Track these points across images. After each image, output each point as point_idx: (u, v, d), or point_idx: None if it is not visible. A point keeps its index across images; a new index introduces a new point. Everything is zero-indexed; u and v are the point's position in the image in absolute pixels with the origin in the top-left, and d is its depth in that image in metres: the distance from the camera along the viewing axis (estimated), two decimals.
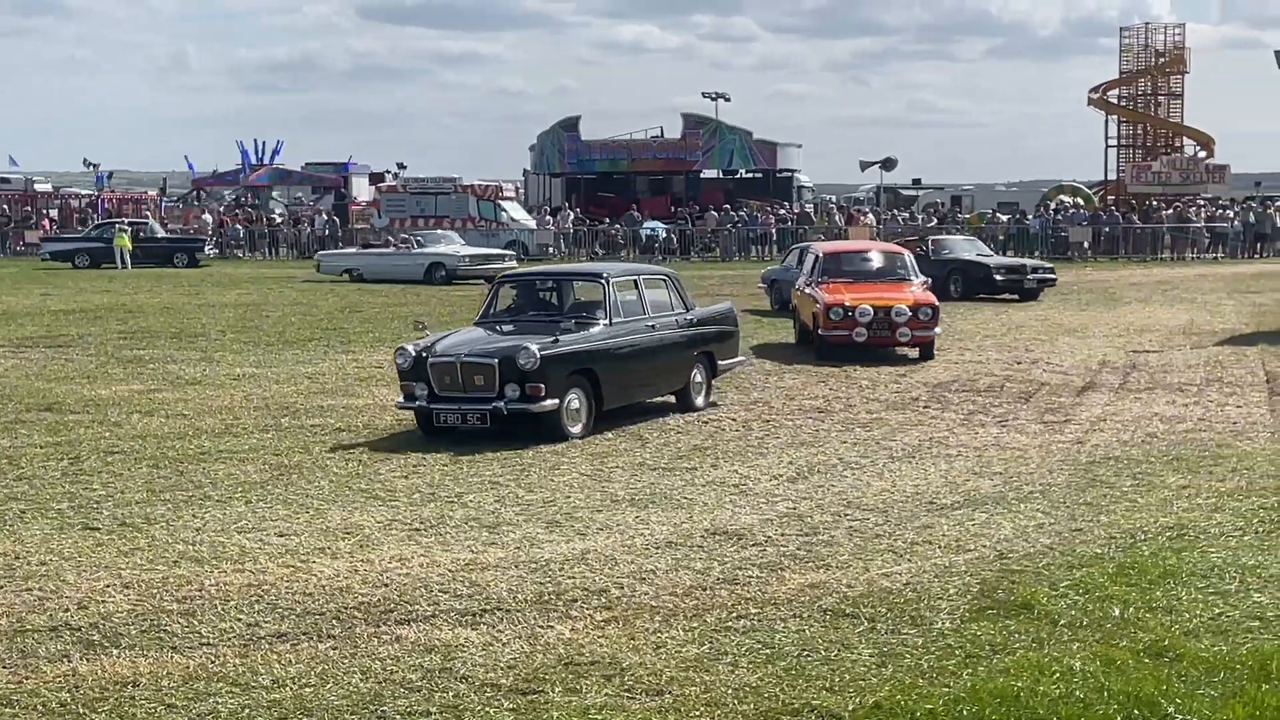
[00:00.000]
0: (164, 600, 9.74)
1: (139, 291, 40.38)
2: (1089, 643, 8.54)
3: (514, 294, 18.19)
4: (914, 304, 23.05)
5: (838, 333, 23.01)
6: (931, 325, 22.99)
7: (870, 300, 23.14)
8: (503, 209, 59.45)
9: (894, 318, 22.87)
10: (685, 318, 18.30)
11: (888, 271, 24.96)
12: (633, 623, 9.15)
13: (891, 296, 23.29)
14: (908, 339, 22.94)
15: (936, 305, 23.18)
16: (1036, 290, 36.53)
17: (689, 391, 18.12)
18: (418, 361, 16.18)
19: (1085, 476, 13.77)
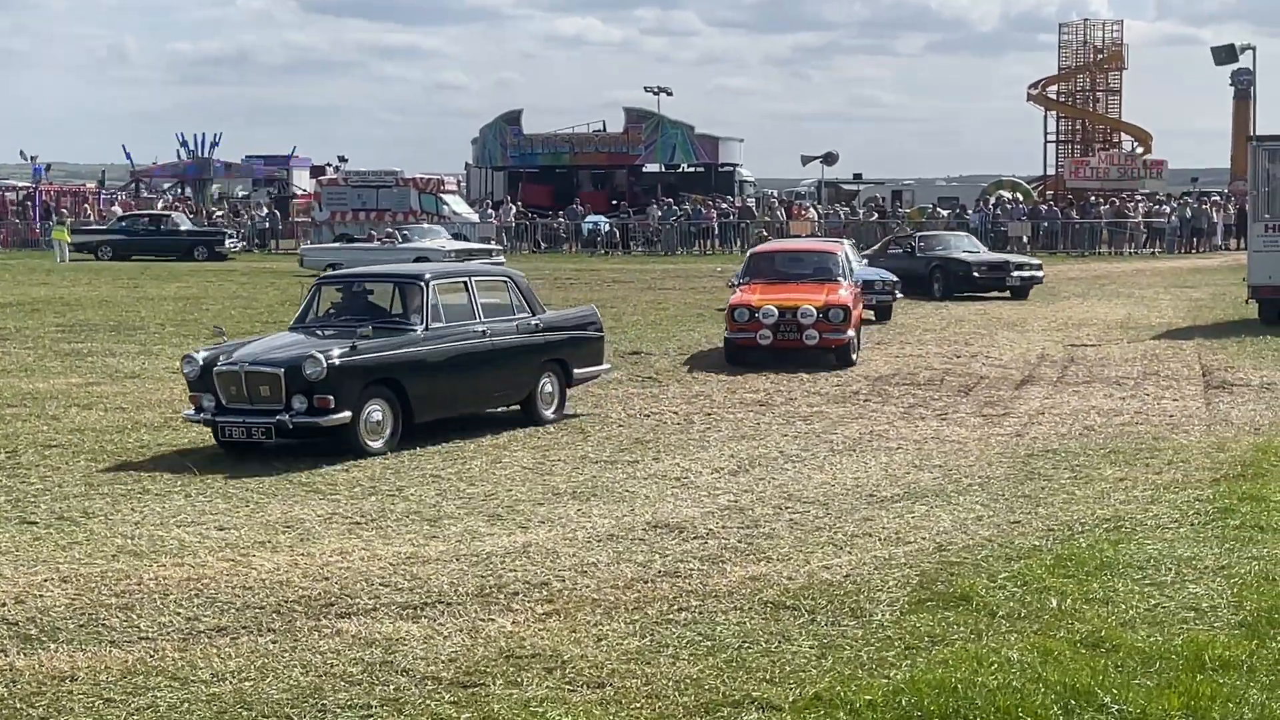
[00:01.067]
0: (102, 594, 9.69)
1: (77, 285, 40.06)
2: (1026, 634, 8.61)
3: (333, 296, 16.70)
4: (824, 305, 21.69)
5: (742, 335, 21.87)
6: (843, 328, 21.64)
7: (777, 301, 21.92)
8: (444, 202, 59.28)
9: (800, 319, 21.55)
10: (530, 323, 16.92)
11: (816, 271, 23.73)
12: (574, 615, 9.16)
13: (801, 297, 22.01)
14: (815, 341, 21.57)
15: (849, 306, 21.75)
16: (1023, 288, 35.50)
17: (535, 402, 16.78)
18: (205, 370, 14.86)
19: (1023, 469, 13.87)
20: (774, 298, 22.05)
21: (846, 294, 22.41)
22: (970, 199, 67.63)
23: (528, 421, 16.59)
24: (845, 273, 23.64)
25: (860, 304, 23.54)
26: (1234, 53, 62.88)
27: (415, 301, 15.88)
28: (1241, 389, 19.08)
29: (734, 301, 22.27)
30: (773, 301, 21.87)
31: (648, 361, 22.74)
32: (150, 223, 56.07)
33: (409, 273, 17.29)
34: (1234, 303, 30.52)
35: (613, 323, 28.38)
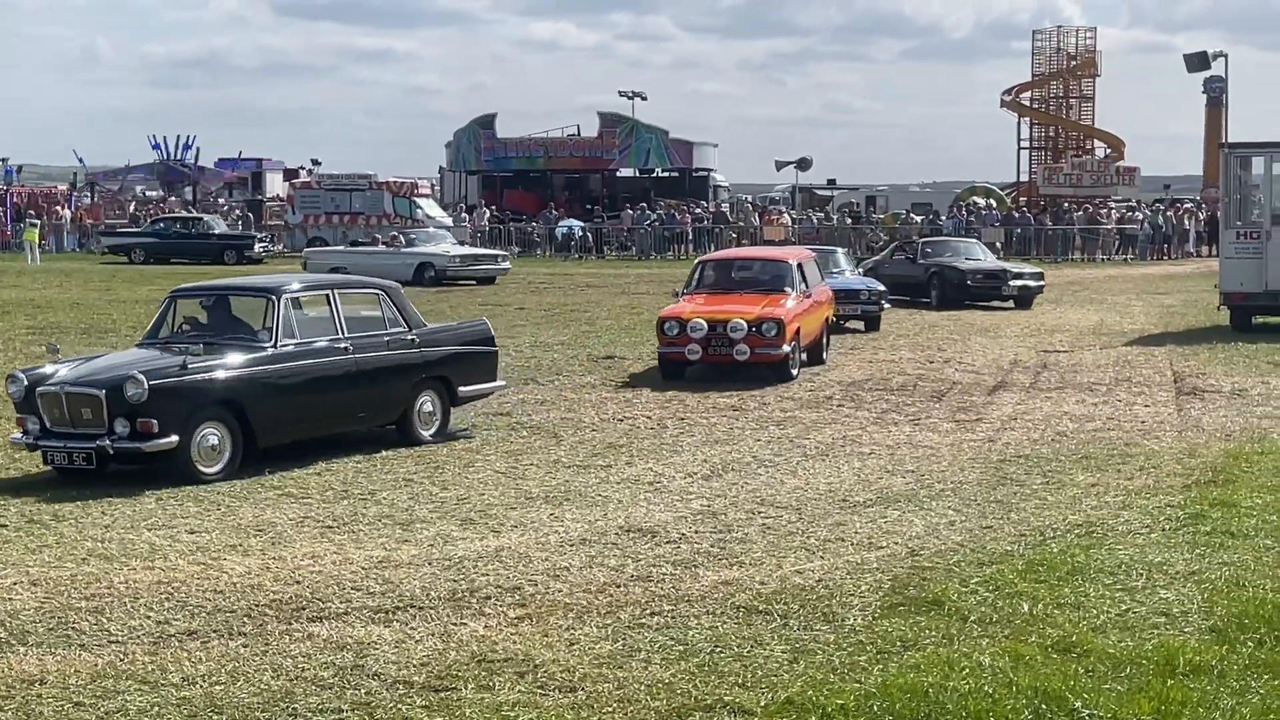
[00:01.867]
0: (72, 598, 9.65)
1: (48, 287, 39.90)
2: (998, 639, 8.63)
3: (188, 310, 15.52)
4: (756, 318, 20.37)
5: (671, 350, 20.68)
6: (777, 342, 20.25)
7: (708, 313, 20.68)
8: (418, 206, 59.13)
9: (730, 333, 20.29)
10: (405, 338, 15.77)
11: (765, 281, 22.30)
12: (546, 620, 9.15)
13: (733, 309, 20.72)
14: (746, 357, 20.29)
15: (782, 320, 20.30)
16: (1024, 298, 34.19)
17: (411, 422, 15.63)
18: (30, 390, 13.94)
19: (996, 474, 13.90)
20: (707, 310, 20.84)
21: (791, 306, 21.08)
22: (944, 205, 67.76)
23: (403, 442, 15.50)
24: (795, 283, 21.92)
25: (819, 314, 22.58)
26: (1206, 60, 63.06)
27: (265, 316, 14.83)
28: (1213, 395, 19.14)
29: (664, 314, 21.16)
30: (704, 314, 20.65)
31: (621, 366, 22.74)
32: (182, 226, 55.32)
33: (260, 285, 15.92)
34: (1206, 309, 30.65)
35: (587, 327, 28.45)
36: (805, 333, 21.47)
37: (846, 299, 27.06)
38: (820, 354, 22.66)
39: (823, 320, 22.77)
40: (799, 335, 20.98)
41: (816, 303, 22.48)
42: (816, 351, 22.48)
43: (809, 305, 21.89)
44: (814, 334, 22.21)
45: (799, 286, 21.90)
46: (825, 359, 22.67)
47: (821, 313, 22.79)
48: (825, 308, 23.17)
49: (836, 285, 26.70)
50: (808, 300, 21.97)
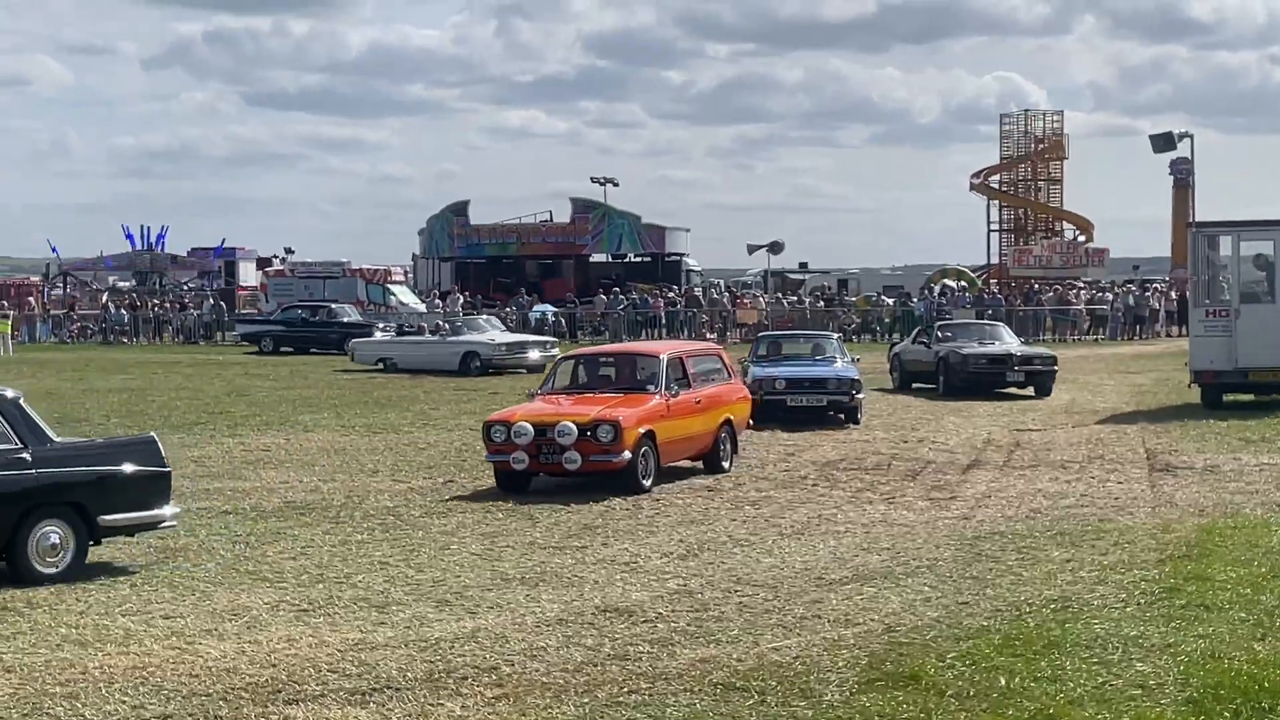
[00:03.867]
0: (47, 684, 9.59)
1: (21, 378, 39.72)
2: (976, 712, 8.64)
3: None
4: (590, 421, 17.73)
5: (498, 457, 18.02)
6: (614, 448, 17.52)
7: (538, 416, 18.12)
8: (392, 293, 59.33)
9: (558, 438, 17.65)
10: (14, 457, 13.27)
11: (628, 381, 19.84)
12: (524, 699, 9.14)
13: (570, 411, 18.33)
14: (576, 466, 17.68)
15: (619, 422, 17.60)
16: (1037, 383, 31.53)
17: (23, 554, 12.95)
18: None
19: (971, 551, 13.93)
20: (538, 412, 18.36)
21: (647, 407, 18.51)
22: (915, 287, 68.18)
23: (14, 578, 12.90)
24: (664, 381, 19.05)
25: (709, 416, 19.67)
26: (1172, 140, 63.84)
27: None
28: (1185, 471, 19.23)
29: (492, 418, 18.65)
30: (532, 417, 18.08)
31: None
32: (310, 314, 54.20)
33: None
34: (1177, 387, 30.79)
35: None
36: (675, 437, 18.82)
37: (810, 388, 26.18)
38: (718, 460, 19.78)
39: (717, 423, 19.81)
40: (653, 440, 18.19)
41: (704, 403, 19.64)
42: (713, 457, 19.78)
43: (686, 407, 19.17)
44: (699, 437, 19.55)
45: (669, 386, 19.08)
46: (727, 466, 19.80)
47: (715, 414, 19.83)
48: (723, 408, 20.11)
49: (798, 374, 26.48)
50: (685, 400, 19.22)
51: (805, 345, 30.00)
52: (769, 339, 31.00)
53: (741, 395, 21.33)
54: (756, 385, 25.20)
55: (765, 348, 29.15)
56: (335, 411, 28.79)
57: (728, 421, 20.09)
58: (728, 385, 20.95)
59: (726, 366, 21.37)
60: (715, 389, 20.34)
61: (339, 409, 29.32)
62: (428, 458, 21.60)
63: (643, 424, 18.11)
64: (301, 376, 39.37)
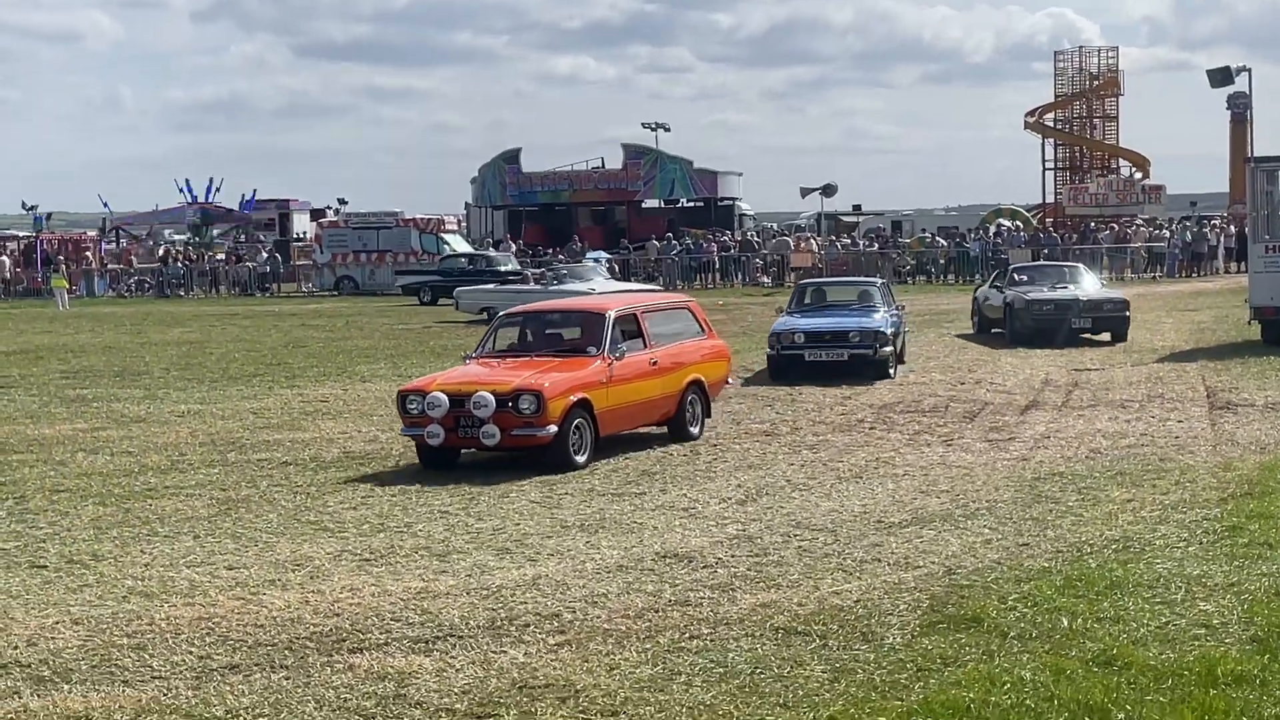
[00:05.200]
0: (114, 635, 9.70)
1: (80, 332, 40.14)
2: (1039, 654, 8.63)
3: None
4: (511, 390, 15.74)
5: (413, 431, 16.20)
6: (537, 421, 15.59)
7: (456, 385, 16.15)
8: (445, 242, 59.41)
9: (474, 410, 15.66)
10: None
11: (569, 341, 17.81)
12: (586, 646, 9.18)
13: (494, 379, 16.24)
14: (494, 441, 15.71)
15: (542, 392, 15.64)
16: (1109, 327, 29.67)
17: None
18: None
19: (1031, 493, 13.89)
20: (458, 380, 16.44)
21: (578, 374, 16.49)
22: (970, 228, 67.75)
23: None
24: (608, 343, 17.00)
25: (668, 380, 17.73)
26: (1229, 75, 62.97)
27: None
28: (1246, 409, 19.09)
29: (406, 387, 16.95)
30: (450, 386, 16.17)
31: None
32: (469, 263, 53.48)
33: None
34: (1236, 324, 30.55)
35: None
36: (621, 404, 16.88)
37: (830, 342, 24.08)
38: (683, 426, 17.92)
39: (681, 384, 17.87)
40: (589, 410, 16.24)
41: (663, 363, 17.74)
42: (677, 423, 17.92)
43: (638, 369, 17.24)
44: (657, 402, 17.61)
45: (614, 347, 17.02)
46: (696, 432, 18.01)
47: (678, 375, 17.93)
48: (689, 368, 18.19)
49: (819, 326, 24.43)
50: (636, 362, 17.28)
51: (850, 293, 27.69)
52: (811, 286, 28.82)
53: (714, 352, 19.25)
54: (774, 339, 24.27)
55: (806, 296, 27.44)
56: (392, 362, 28.89)
57: (696, 383, 18.20)
58: (697, 342, 18.92)
59: (699, 320, 19.31)
60: (679, 347, 18.38)
61: (395, 359, 29.43)
62: None
63: (575, 392, 16.09)
64: (357, 327, 39.54)
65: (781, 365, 24.05)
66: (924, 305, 42.64)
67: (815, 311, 26.04)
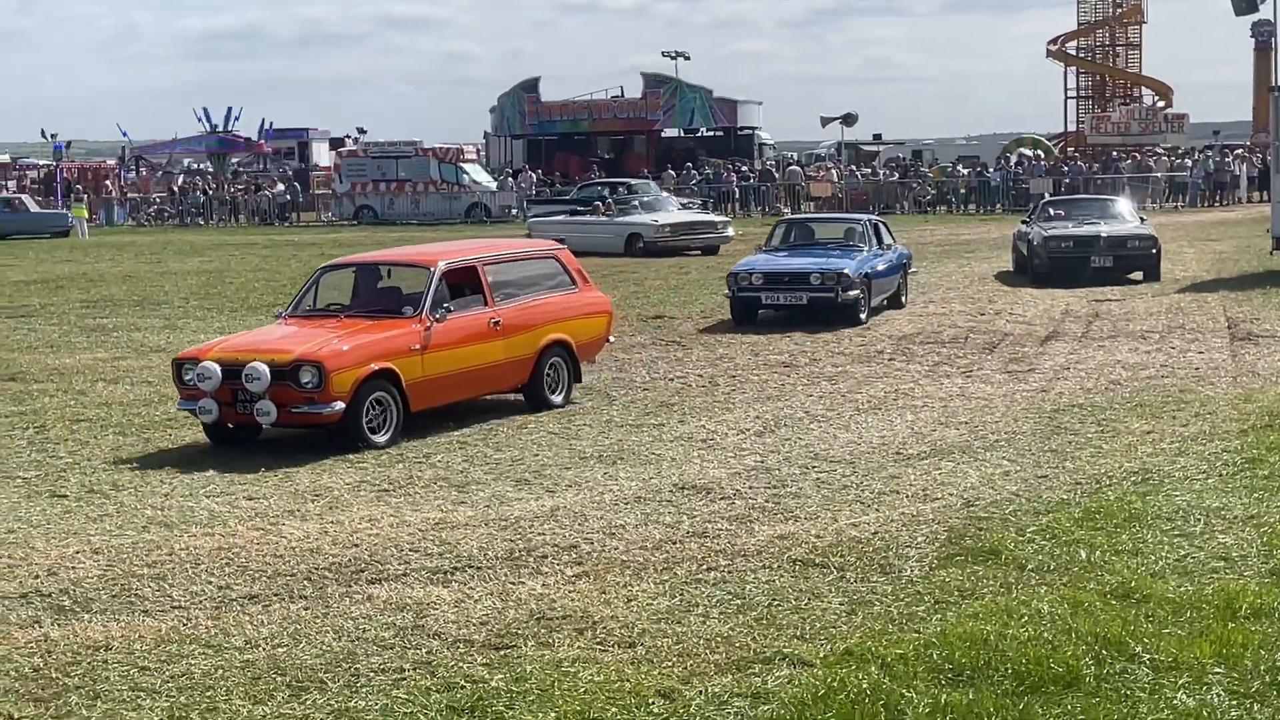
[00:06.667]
0: (134, 565, 9.74)
1: (100, 260, 40.18)
2: (1056, 586, 8.62)
3: None
4: (291, 361, 13.49)
5: (188, 405, 14.05)
6: (321, 397, 13.36)
7: (233, 354, 13.89)
8: (464, 171, 59.29)
9: (247, 383, 13.47)
10: None
11: (392, 299, 15.17)
12: (603, 577, 9.19)
13: (274, 347, 13.99)
14: (270, 420, 13.51)
15: (324, 364, 13.37)
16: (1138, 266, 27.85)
17: None
18: None
19: (1050, 424, 13.85)
20: (239, 347, 14.19)
21: (379, 338, 14.13)
22: (991, 157, 67.41)
23: None
24: (431, 303, 14.57)
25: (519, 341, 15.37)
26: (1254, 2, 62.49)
27: None
28: (1267, 340, 19.00)
29: (182, 354, 14.71)
30: (226, 354, 13.94)
31: (671, 325, 22.73)
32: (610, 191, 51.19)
33: None
34: (1259, 255, 30.40)
35: (635, 287, 28.45)
36: (441, 374, 14.50)
37: (789, 284, 22.14)
38: (540, 393, 15.68)
39: (537, 346, 15.58)
40: (395, 382, 13.96)
41: (508, 324, 15.29)
42: (533, 389, 15.68)
43: (471, 331, 14.88)
44: (501, 369, 15.29)
45: (438, 307, 14.61)
46: (558, 401, 15.78)
47: (532, 336, 15.57)
48: (549, 327, 15.82)
49: (779, 267, 22.50)
50: (467, 323, 14.89)
51: (837, 230, 25.40)
52: (791, 224, 26.54)
53: (588, 309, 16.66)
54: (732, 279, 22.59)
55: (781, 235, 25.21)
56: None
57: (558, 344, 15.88)
58: (564, 297, 16.36)
59: (569, 271, 16.65)
60: (538, 303, 15.90)
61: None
62: None
63: (373, 361, 13.80)
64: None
65: (739, 308, 22.52)
66: (944, 235, 42.53)
67: (790, 251, 24.08)
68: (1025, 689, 6.96)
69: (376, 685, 7.38)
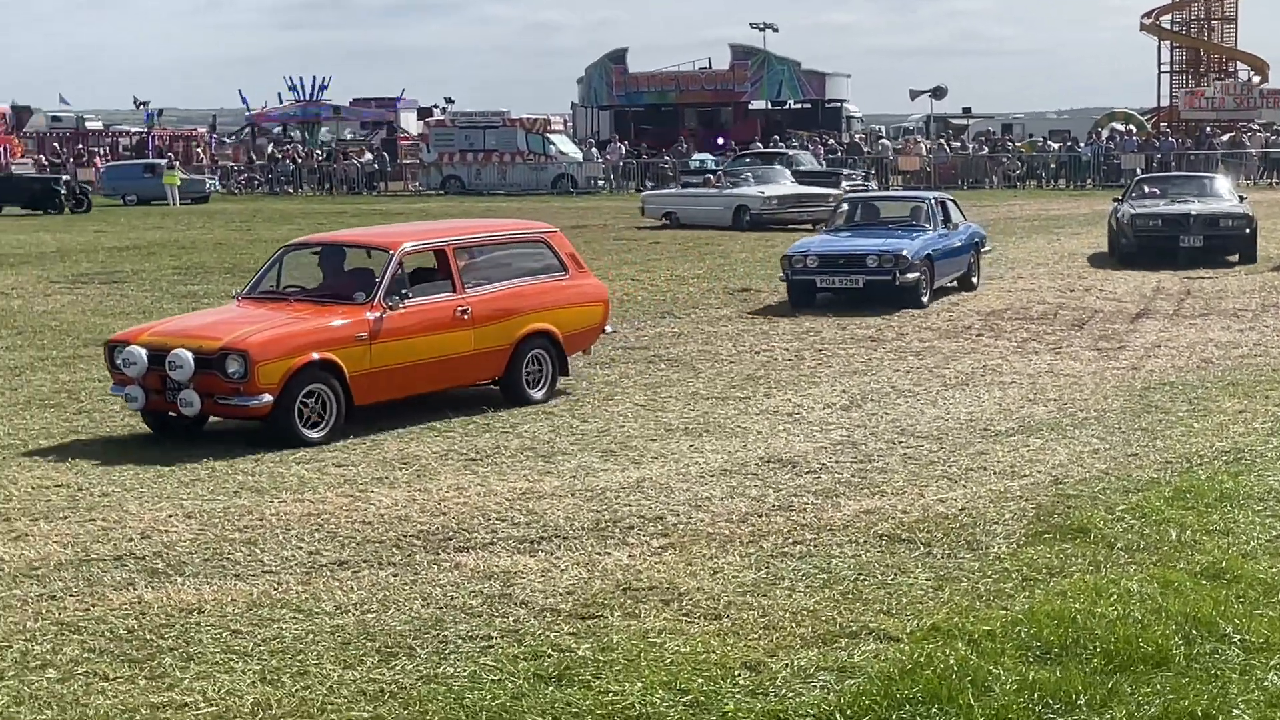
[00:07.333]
0: (225, 529, 9.86)
1: (191, 228, 40.58)
2: (1146, 565, 8.56)
3: None
4: (218, 349, 12.60)
5: (118, 390, 13.29)
6: (247, 388, 12.48)
7: (161, 339, 13.07)
8: (551, 142, 59.39)
9: (170, 371, 12.65)
10: None
11: (349, 283, 14.05)
12: (689, 549, 9.21)
13: (202, 333, 13.11)
14: (193, 411, 12.67)
15: (249, 353, 12.49)
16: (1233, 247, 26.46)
17: None
18: None
19: (1140, 402, 13.73)
20: (171, 332, 13.35)
21: (319, 326, 13.22)
22: (1082, 132, 66.67)
23: None
24: (384, 290, 13.50)
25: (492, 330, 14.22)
26: None
27: None
28: None
29: (114, 336, 13.93)
30: (156, 338, 13.13)
31: (757, 298, 22.70)
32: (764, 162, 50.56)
33: None
34: None
35: (721, 260, 28.42)
36: (395, 365, 13.45)
37: (844, 267, 21.27)
38: (518, 386, 14.48)
39: (513, 337, 14.40)
40: (338, 374, 13.00)
41: (478, 313, 14.13)
42: (510, 382, 14.50)
43: (432, 320, 13.80)
44: (469, 361, 14.12)
45: (394, 294, 13.57)
46: (538, 396, 14.54)
47: (506, 326, 14.38)
48: (528, 317, 14.57)
49: (835, 249, 21.58)
50: (431, 312, 13.82)
51: (902, 209, 24.18)
52: (855, 203, 24.99)
53: (579, 297, 15.35)
54: (786, 262, 21.72)
55: (848, 214, 24.08)
56: None
57: (540, 335, 14.69)
58: (551, 284, 15.10)
59: (559, 257, 15.34)
60: (518, 291, 14.72)
61: None
62: None
63: (308, 351, 12.87)
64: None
65: (794, 292, 21.67)
66: (1033, 211, 42.18)
67: (852, 231, 23.07)
68: (1114, 668, 6.92)
69: (464, 652, 7.44)
